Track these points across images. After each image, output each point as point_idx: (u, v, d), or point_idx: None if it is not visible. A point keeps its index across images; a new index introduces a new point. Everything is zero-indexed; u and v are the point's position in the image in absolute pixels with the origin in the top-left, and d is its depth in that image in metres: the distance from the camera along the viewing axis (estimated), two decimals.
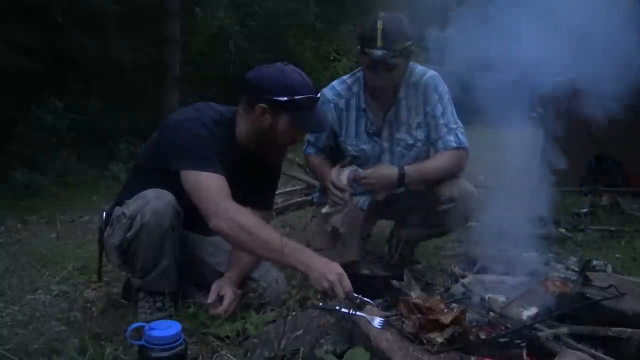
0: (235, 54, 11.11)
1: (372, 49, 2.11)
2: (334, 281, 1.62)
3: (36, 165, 6.45)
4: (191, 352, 1.55)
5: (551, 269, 2.37)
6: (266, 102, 1.77)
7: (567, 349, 1.40)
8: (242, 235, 1.69)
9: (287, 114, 1.79)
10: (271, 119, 1.80)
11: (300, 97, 1.78)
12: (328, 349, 1.49)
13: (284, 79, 1.79)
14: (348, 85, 2.42)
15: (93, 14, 7.70)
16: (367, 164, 2.39)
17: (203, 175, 1.71)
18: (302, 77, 1.83)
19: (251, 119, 1.84)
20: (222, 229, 1.70)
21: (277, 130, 1.82)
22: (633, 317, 1.55)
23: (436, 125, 2.35)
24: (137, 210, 1.71)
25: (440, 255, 2.90)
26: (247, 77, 1.84)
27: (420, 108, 2.37)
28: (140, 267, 1.77)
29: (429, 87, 2.34)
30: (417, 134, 2.38)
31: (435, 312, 1.44)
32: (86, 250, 3.04)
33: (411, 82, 2.36)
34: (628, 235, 3.49)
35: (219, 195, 1.71)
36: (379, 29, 2.10)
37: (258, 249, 1.72)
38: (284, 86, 1.77)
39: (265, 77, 1.81)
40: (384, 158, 2.41)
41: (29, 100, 6.82)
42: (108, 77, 8.67)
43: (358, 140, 2.41)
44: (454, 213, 2.27)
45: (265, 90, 1.78)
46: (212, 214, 1.70)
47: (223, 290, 1.81)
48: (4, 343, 1.67)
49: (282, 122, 1.81)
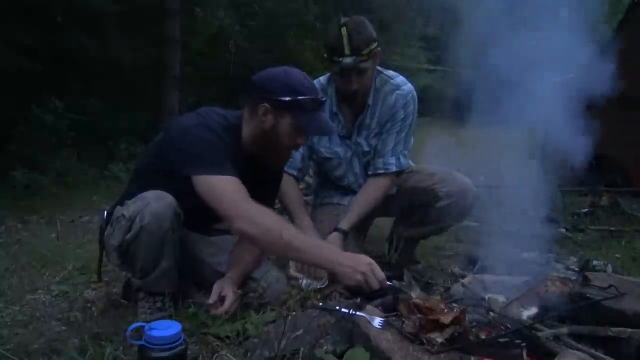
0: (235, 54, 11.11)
1: (341, 57, 2.13)
2: (367, 272, 1.62)
3: (36, 165, 6.44)
4: (191, 352, 1.55)
5: (551, 269, 2.37)
6: (269, 102, 1.77)
7: (567, 349, 1.40)
8: (266, 236, 1.67)
9: (290, 115, 1.79)
10: (274, 119, 1.79)
11: (303, 98, 1.77)
12: (328, 349, 1.49)
13: (288, 79, 1.79)
14: (323, 87, 2.42)
15: (93, 14, 7.70)
16: (340, 166, 2.46)
17: (216, 178, 1.69)
18: (307, 79, 1.83)
19: (255, 121, 1.83)
20: (246, 230, 1.68)
21: (279, 132, 1.81)
22: (633, 317, 1.54)
23: (384, 142, 2.37)
24: (136, 212, 1.70)
25: (440, 255, 2.90)
26: (252, 79, 1.83)
27: (383, 118, 2.38)
28: (140, 269, 1.77)
29: (399, 103, 2.35)
30: (373, 142, 2.41)
31: (435, 312, 1.44)
32: (86, 250, 3.04)
33: (383, 90, 2.36)
34: (628, 235, 3.49)
35: (237, 197, 1.69)
36: (344, 35, 2.12)
37: (282, 249, 1.71)
38: (288, 86, 1.77)
39: (269, 78, 1.81)
40: (355, 161, 2.46)
41: (29, 100, 6.81)
42: (108, 77, 8.67)
43: (331, 142, 2.44)
44: (452, 208, 2.30)
45: (269, 90, 1.77)
46: (233, 216, 1.68)
47: (224, 291, 1.81)
48: (4, 343, 1.67)
49: (285, 123, 1.80)
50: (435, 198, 2.31)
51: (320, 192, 2.65)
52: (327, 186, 2.61)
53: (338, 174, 2.50)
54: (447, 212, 2.31)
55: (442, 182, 2.32)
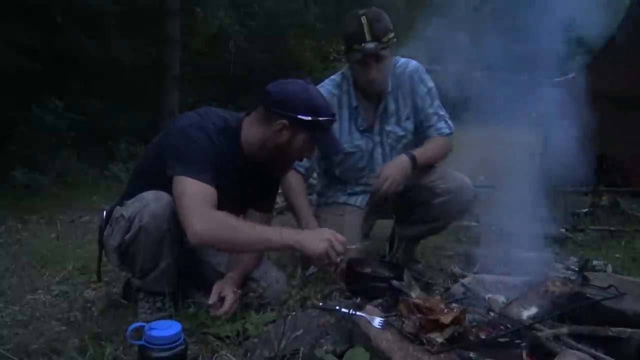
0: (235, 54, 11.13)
1: (363, 43, 2.18)
2: (330, 238, 1.67)
3: (36, 165, 6.44)
4: (191, 352, 1.55)
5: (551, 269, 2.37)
6: (289, 119, 1.76)
7: (567, 349, 1.40)
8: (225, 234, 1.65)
9: (306, 133, 1.79)
10: (290, 135, 1.79)
11: (323, 119, 1.78)
12: (328, 349, 1.49)
13: (309, 99, 1.78)
14: (338, 83, 2.48)
15: (93, 14, 7.70)
16: (362, 159, 2.46)
17: (190, 182, 1.66)
18: (324, 99, 1.85)
19: (266, 131, 1.81)
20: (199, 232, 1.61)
21: (292, 148, 1.82)
22: (633, 317, 1.55)
23: (427, 115, 2.44)
24: (135, 213, 1.70)
25: (440, 255, 2.90)
26: (269, 90, 1.80)
27: (408, 99, 2.44)
28: (140, 269, 1.77)
29: (415, 79, 2.44)
30: (407, 125, 2.46)
31: (435, 312, 1.44)
32: (86, 250, 3.04)
33: (395, 74, 2.43)
34: (628, 235, 3.49)
35: (202, 204, 1.65)
36: (365, 24, 2.19)
37: (243, 243, 1.71)
38: (309, 106, 1.76)
39: (290, 94, 1.78)
40: (377, 152, 2.48)
41: (29, 100, 6.81)
42: (108, 77, 8.68)
43: (352, 137, 2.45)
44: (450, 205, 2.31)
45: (290, 107, 1.76)
46: (188, 224, 1.62)
47: (224, 292, 1.81)
48: (4, 343, 1.67)
49: (300, 140, 1.80)
50: (434, 195, 2.33)
51: (325, 192, 2.65)
52: (334, 187, 2.60)
53: (358, 167, 2.50)
54: (445, 208, 2.33)
55: (440, 179, 2.34)
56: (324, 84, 2.49)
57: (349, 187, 2.55)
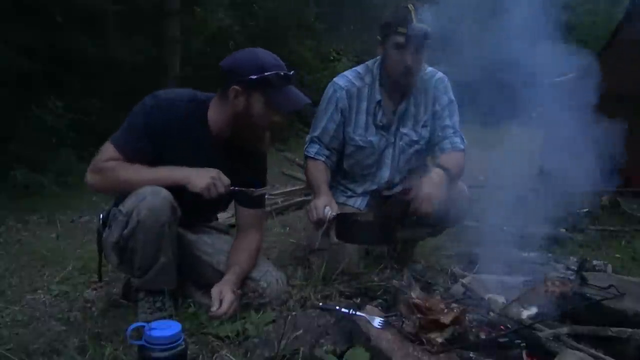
0: None
1: (410, 25, 2.17)
2: (215, 176, 1.75)
3: (36, 165, 6.44)
4: (191, 352, 1.55)
5: (551, 269, 2.37)
6: (238, 83, 1.79)
7: (567, 349, 1.41)
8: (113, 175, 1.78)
9: (260, 93, 1.80)
10: (245, 100, 1.81)
11: (270, 74, 1.78)
12: (328, 349, 1.49)
13: (254, 58, 1.81)
14: (360, 75, 2.44)
15: (93, 14, 7.71)
16: (372, 156, 2.44)
17: (107, 146, 1.82)
18: (272, 56, 1.85)
19: (227, 106, 1.85)
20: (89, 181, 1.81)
21: (252, 112, 1.83)
22: (633, 317, 1.55)
23: (443, 127, 2.40)
24: (133, 207, 1.70)
25: (440, 255, 2.90)
26: (221, 65, 1.85)
27: (429, 106, 2.42)
28: (139, 266, 1.76)
29: (440, 88, 2.42)
30: (422, 132, 2.43)
31: (435, 312, 1.44)
32: (86, 250, 3.04)
33: (422, 78, 2.41)
34: (628, 235, 3.50)
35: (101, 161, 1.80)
36: (412, 10, 2.19)
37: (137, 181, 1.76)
38: (254, 65, 1.79)
39: (237, 60, 1.83)
40: (387, 152, 2.44)
41: (29, 100, 6.81)
42: (108, 77, 8.67)
43: (367, 131, 2.42)
44: (447, 213, 2.28)
45: (236, 72, 1.80)
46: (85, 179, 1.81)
47: (223, 294, 1.81)
48: (4, 343, 1.67)
49: (256, 102, 1.81)
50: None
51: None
52: (336, 186, 2.59)
53: (366, 163, 2.47)
54: (442, 216, 2.29)
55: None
56: (345, 73, 2.47)
57: (350, 189, 2.54)
